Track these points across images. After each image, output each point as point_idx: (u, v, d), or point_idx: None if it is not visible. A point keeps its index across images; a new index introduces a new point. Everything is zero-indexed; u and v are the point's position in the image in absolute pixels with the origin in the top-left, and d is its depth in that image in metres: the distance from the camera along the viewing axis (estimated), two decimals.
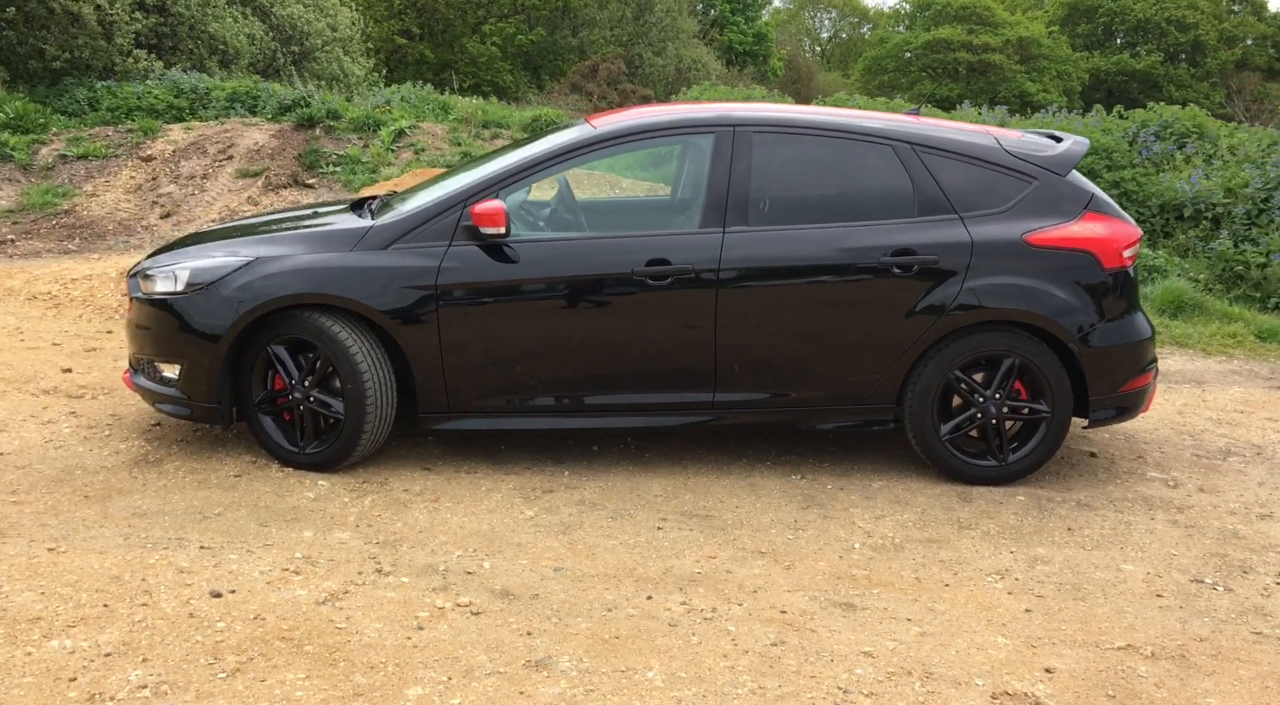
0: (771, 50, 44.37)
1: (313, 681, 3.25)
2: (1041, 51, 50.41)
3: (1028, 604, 3.90)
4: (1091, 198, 5.07)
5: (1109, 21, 53.64)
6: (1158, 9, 52.17)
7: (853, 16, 64.10)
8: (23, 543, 4.14)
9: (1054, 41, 51.25)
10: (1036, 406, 4.98)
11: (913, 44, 50.71)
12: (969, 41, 49.49)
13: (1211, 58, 52.93)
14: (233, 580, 3.87)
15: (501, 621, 3.68)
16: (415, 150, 12.40)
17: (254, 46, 20.04)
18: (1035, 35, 50.67)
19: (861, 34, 63.57)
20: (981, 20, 50.07)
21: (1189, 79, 52.04)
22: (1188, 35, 52.23)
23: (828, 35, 64.60)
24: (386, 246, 4.93)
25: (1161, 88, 50.91)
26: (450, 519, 4.57)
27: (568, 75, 32.77)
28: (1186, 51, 52.86)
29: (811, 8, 63.29)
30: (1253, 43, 54.95)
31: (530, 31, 34.81)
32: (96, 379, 6.33)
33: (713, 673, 3.38)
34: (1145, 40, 52.82)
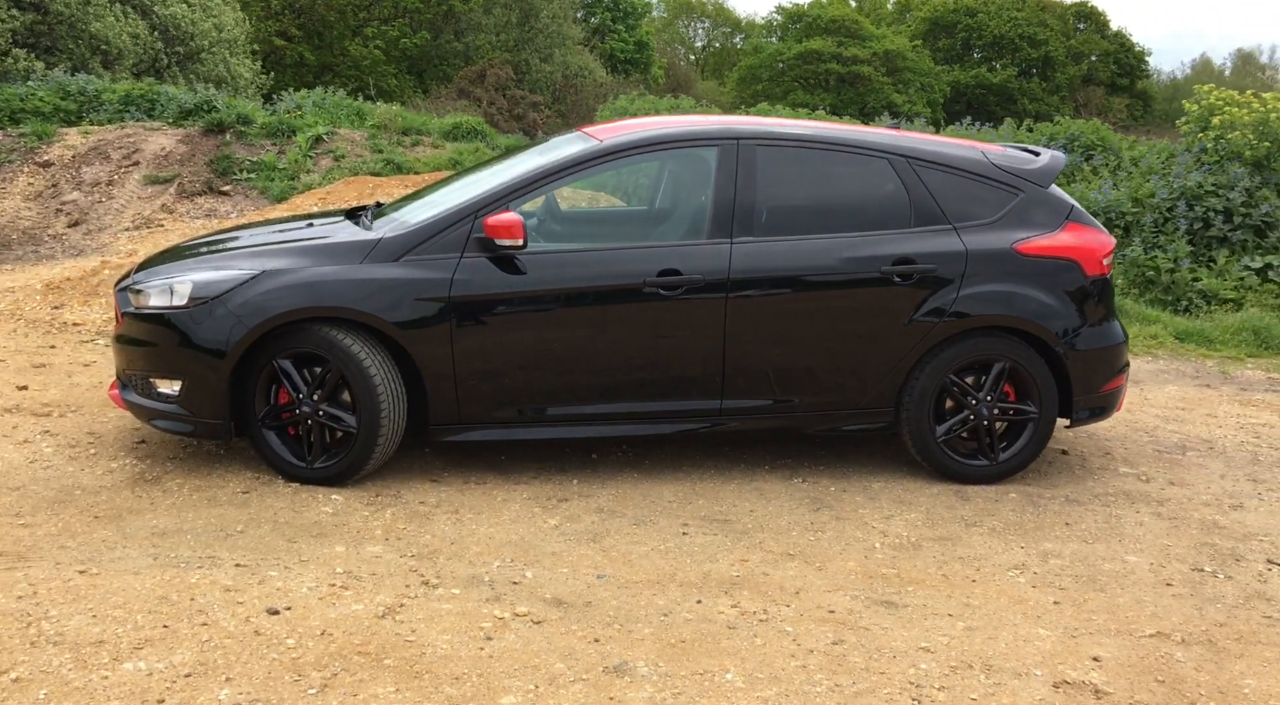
0: (653, 58, 44.83)
1: (404, 695, 3.27)
2: (906, 64, 52.14)
3: (1054, 596, 4.12)
4: (1071, 209, 5.37)
5: (967, 37, 55.81)
6: (1011, 26, 54.51)
7: (725, 26, 65.09)
8: (48, 566, 4.03)
9: (918, 55, 53.08)
10: (1025, 407, 5.24)
11: (786, 55, 51.83)
12: (839, 53, 50.83)
13: (1061, 72, 55.54)
14: (283, 597, 3.84)
15: (565, 629, 3.74)
16: (335, 157, 12.22)
17: (138, 46, 19.39)
18: (900, 49, 52.37)
19: (734, 43, 64.63)
20: (850, 33, 51.51)
21: (1041, 92, 54.49)
22: (1039, 51, 54.70)
23: (701, 44, 65.45)
24: (397, 259, 4.93)
25: (1016, 101, 53.21)
26: (477, 530, 4.59)
27: (454, 80, 32.50)
28: (1038, 66, 55.34)
29: (685, 17, 64.06)
30: (1096, 59, 57.82)
31: (414, 35, 34.42)
32: (58, 396, 6.12)
33: (787, 673, 3.50)
34: (1000, 55, 55.12)
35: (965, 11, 55.76)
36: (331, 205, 9.76)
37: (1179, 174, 10.53)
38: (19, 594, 3.75)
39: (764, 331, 5.06)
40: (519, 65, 34.00)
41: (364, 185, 10.01)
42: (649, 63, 44.78)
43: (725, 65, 60.65)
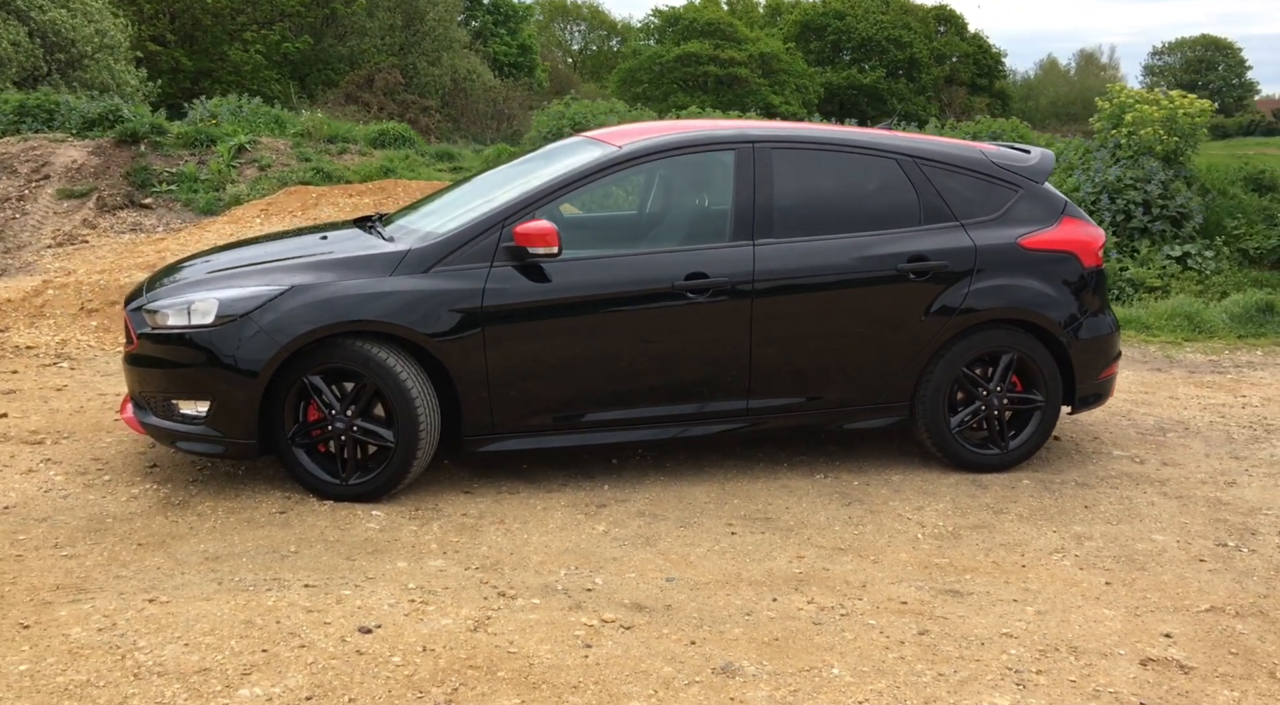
0: (536, 62, 44.76)
1: None
2: (782, 66, 53.21)
3: (1103, 578, 4.31)
4: (1065, 204, 5.62)
5: (837, 39, 57.27)
6: (878, 29, 56.14)
7: (601, 29, 65.36)
8: (112, 596, 3.92)
9: (791, 57, 54.20)
10: (1032, 396, 5.46)
11: (665, 57, 52.34)
12: (716, 55, 51.58)
13: (926, 73, 57.43)
14: (368, 615, 3.80)
15: (658, 633, 3.79)
16: (260, 166, 11.97)
17: (20, 54, 18.58)
18: (775, 51, 53.41)
19: (611, 46, 64.93)
20: (726, 36, 52.30)
21: (908, 93, 56.25)
22: (905, 53, 56.46)
23: (578, 47, 65.58)
24: (427, 270, 4.90)
25: (886, 101, 54.81)
26: (529, 539, 4.60)
27: (341, 85, 31.96)
28: (904, 67, 57.13)
29: (562, 19, 64.10)
30: (957, 60, 59.93)
31: (296, 39, 33.70)
32: (43, 423, 5.91)
33: (888, 665, 3.60)
34: (869, 57, 56.72)
35: (834, 14, 57.18)
36: (275, 216, 9.56)
37: (1099, 169, 11.05)
38: (97, 626, 3.65)
39: (788, 330, 5.18)
40: (406, 69, 33.63)
41: (306, 195, 9.82)
42: (533, 66, 44.74)
43: (603, 68, 60.92)
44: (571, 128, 12.17)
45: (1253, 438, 6.19)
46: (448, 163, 12.44)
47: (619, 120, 13.06)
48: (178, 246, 9.06)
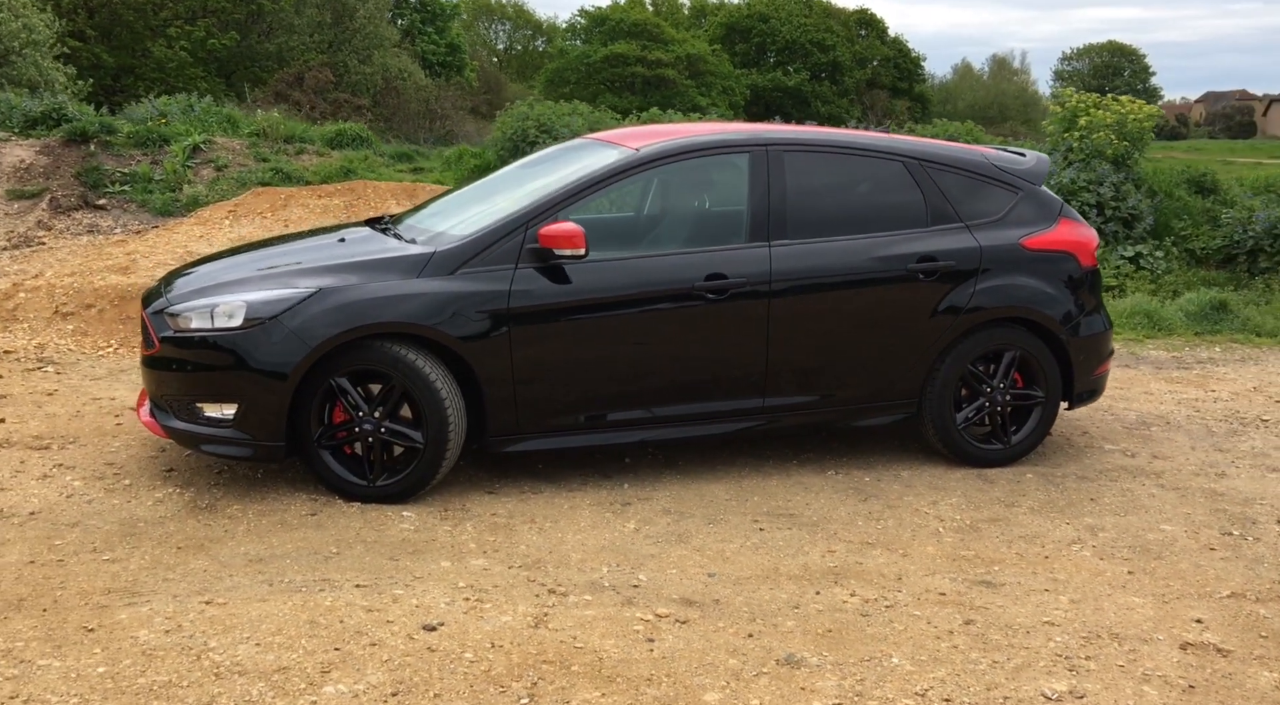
0: (465, 61, 44.49)
1: (611, 699, 3.34)
2: (708, 68, 53.57)
3: (1125, 567, 4.48)
4: (1062, 205, 5.84)
5: (762, 41, 57.84)
6: (801, 32, 56.84)
7: (526, 28, 65.16)
8: (167, 598, 3.91)
9: (718, 59, 54.62)
10: (1032, 392, 5.65)
11: (592, 57, 52.37)
12: (644, 57, 51.74)
13: (848, 76, 58.30)
14: (427, 614, 3.84)
15: (714, 627, 3.88)
16: (216, 167, 11.81)
17: None
18: (702, 53, 53.77)
19: (536, 46, 64.78)
20: (653, 37, 52.51)
21: (832, 95, 57.03)
22: (828, 56, 57.25)
23: (503, 46, 65.28)
24: (453, 272, 4.94)
25: (810, 103, 55.52)
26: (565, 538, 4.66)
27: (269, 83, 31.41)
28: (827, 70, 57.93)
29: (486, 18, 63.75)
30: (878, 63, 60.95)
31: (222, 35, 33.07)
32: (43, 428, 5.82)
33: (943, 653, 3.72)
34: (793, 60, 57.43)
35: (759, 17, 57.73)
36: (243, 217, 9.46)
37: (1053, 172, 11.41)
38: (163, 628, 3.65)
39: (803, 330, 5.30)
40: (336, 67, 33.18)
41: (274, 196, 9.72)
42: (462, 65, 44.45)
43: (529, 67, 60.74)
44: (537, 129, 12.20)
45: (1230, 431, 6.47)
46: (407, 164, 12.38)
47: (583, 122, 13.11)
48: (146, 248, 8.91)
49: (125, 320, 7.76)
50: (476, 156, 12.53)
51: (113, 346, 7.49)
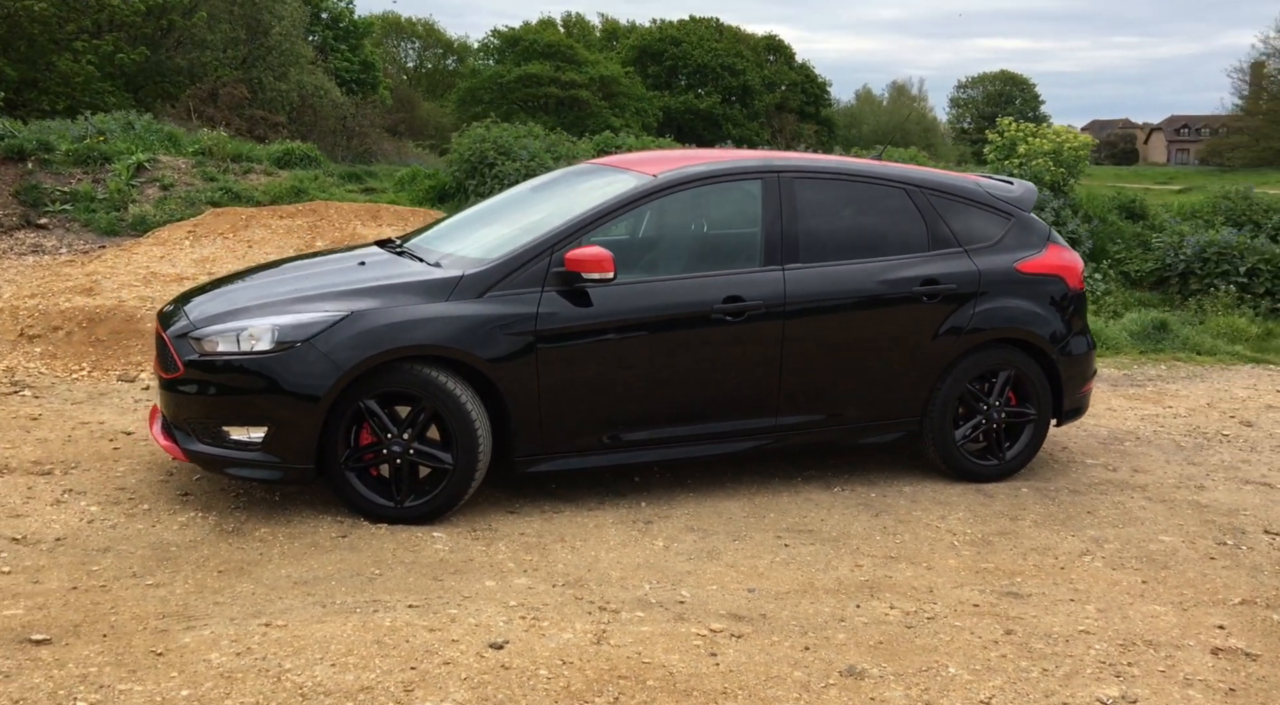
0: (379, 79, 44.12)
1: None
2: (621, 89, 53.98)
3: (1138, 576, 4.67)
4: (1050, 231, 6.10)
5: (674, 64, 58.48)
6: (712, 56, 57.63)
7: (436, 47, 64.77)
8: (224, 621, 3.89)
9: (631, 81, 55.07)
10: (1025, 410, 5.88)
11: (505, 77, 52.35)
12: (558, 77, 51.92)
13: (758, 100, 59.24)
14: (489, 632, 3.87)
15: (769, 641, 3.98)
16: (162, 186, 11.61)
17: None
18: (615, 75, 54.15)
19: (447, 64, 64.43)
20: (567, 58, 52.75)
21: (743, 118, 57.88)
22: (738, 80, 58.12)
23: (413, 64, 64.76)
24: (480, 295, 4.99)
25: (722, 126, 56.27)
26: (599, 556, 4.74)
27: (182, 99, 30.77)
28: (738, 94, 58.79)
29: (395, 36, 63.21)
30: (787, 88, 62.06)
31: (132, 50, 32.29)
32: (39, 454, 5.71)
33: (994, 663, 3.84)
34: (705, 83, 58.18)
35: (670, 41, 58.38)
36: (204, 238, 9.32)
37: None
38: (234, 651, 3.64)
39: (815, 351, 5.45)
40: (252, 83, 32.65)
41: (235, 217, 9.60)
42: (376, 83, 44.05)
43: (440, 86, 60.37)
44: (496, 151, 12.20)
45: (1197, 446, 6.80)
46: (358, 184, 12.30)
47: (540, 144, 13.17)
48: (106, 269, 8.73)
49: (95, 343, 7.61)
50: (430, 178, 12.52)
51: (85, 369, 7.34)
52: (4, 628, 3.78)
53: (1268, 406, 7.88)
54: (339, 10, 45.68)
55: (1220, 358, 9.49)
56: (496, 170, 11.67)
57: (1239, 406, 7.87)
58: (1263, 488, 6.00)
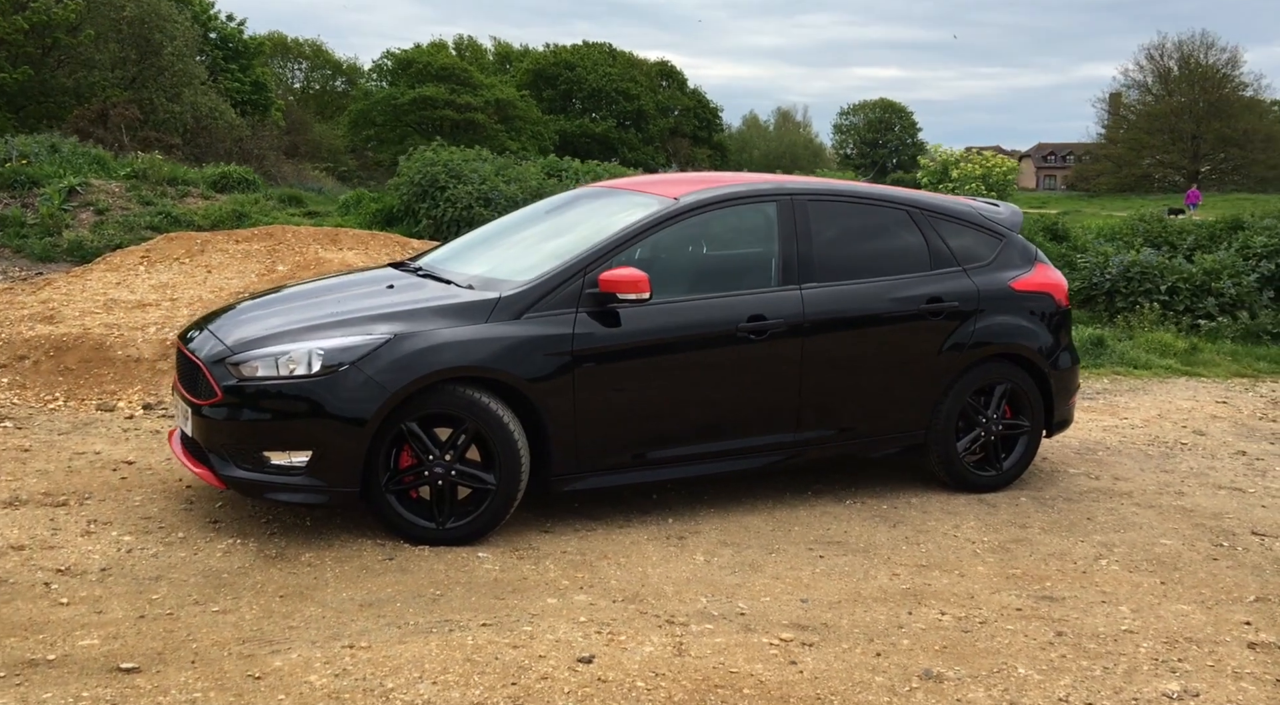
0: (271, 100, 43.38)
1: None
2: (517, 113, 54.00)
3: (1155, 577, 4.92)
4: (1036, 251, 6.40)
5: (568, 88, 58.75)
6: (606, 80, 58.10)
7: (325, 68, 63.91)
8: (306, 645, 3.90)
9: (526, 104, 55.13)
10: (1020, 422, 6.15)
11: (399, 100, 51.93)
12: (453, 100, 51.70)
13: (653, 125, 59.86)
14: (570, 648, 3.94)
15: (840, 648, 4.10)
16: (97, 210, 11.31)
17: None
18: (510, 98, 54.15)
19: (336, 86, 63.60)
20: (461, 81, 52.57)
21: (638, 142, 58.42)
22: (633, 104, 58.67)
23: (300, 85, 63.74)
24: (519, 316, 5.05)
25: (617, 150, 56.73)
26: (647, 572, 4.82)
27: (69, 120, 29.82)
28: (633, 118, 59.34)
29: (282, 57, 62.17)
30: (680, 113, 62.87)
31: (14, 70, 31.17)
32: (44, 486, 5.58)
33: (1058, 662, 4.02)
34: (599, 107, 58.57)
35: (565, 65, 58.65)
36: (159, 263, 9.13)
37: None
38: (332, 672, 3.65)
39: (832, 367, 5.62)
40: (143, 104, 31.83)
41: (190, 242, 9.41)
42: (268, 104, 43.33)
43: (329, 107, 59.52)
44: (447, 175, 12.14)
45: (1163, 454, 7.18)
46: (298, 207, 12.13)
47: (491, 167, 13.15)
48: (62, 297, 8.47)
49: (64, 372, 7.40)
50: (376, 201, 12.41)
51: (58, 399, 7.13)
52: (87, 658, 3.72)
53: (1212, 416, 8.35)
54: (228, 30, 44.86)
55: (1155, 371, 10.01)
56: (448, 193, 11.63)
57: (1187, 417, 8.33)
58: (1235, 492, 6.37)
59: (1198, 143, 70.59)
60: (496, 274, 5.40)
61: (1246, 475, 6.76)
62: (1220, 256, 11.89)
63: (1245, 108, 70.92)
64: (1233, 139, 68.93)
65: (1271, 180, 67.59)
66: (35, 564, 4.53)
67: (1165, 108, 71.84)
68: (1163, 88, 73.36)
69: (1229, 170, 69.26)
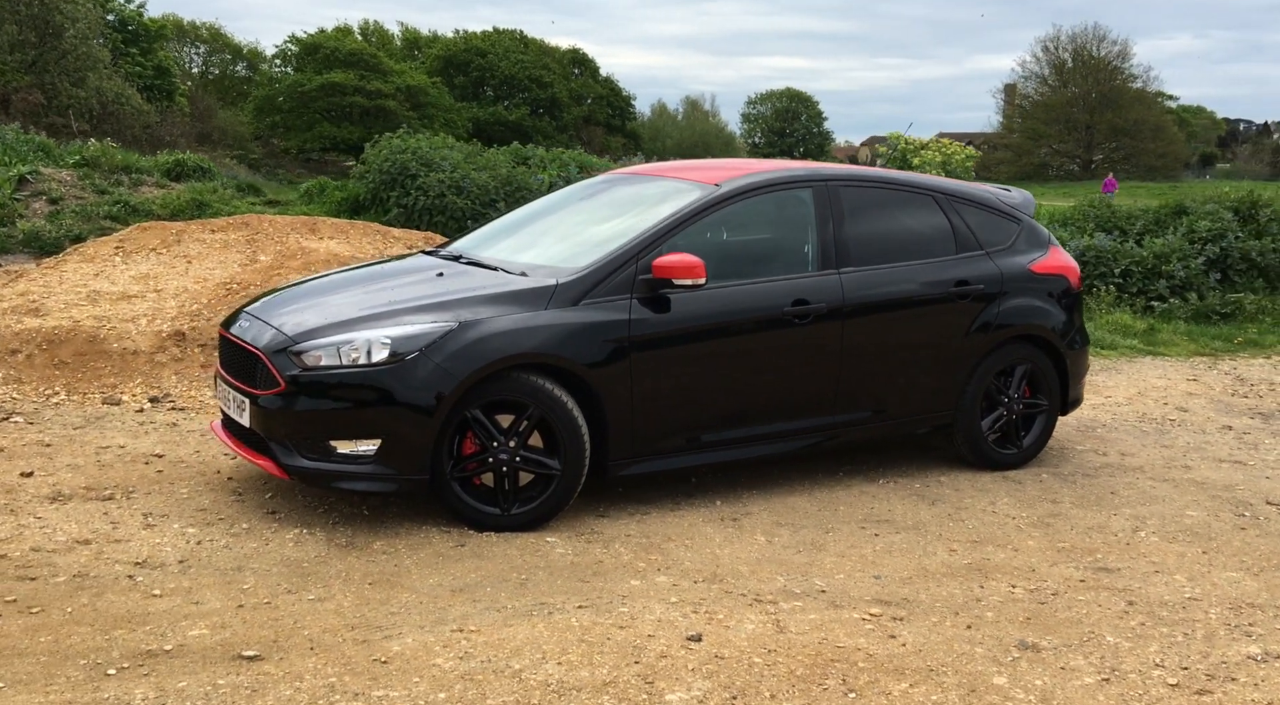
0: (176, 85, 42.15)
1: (918, 688, 3.61)
2: (429, 100, 53.29)
3: (1195, 547, 5.12)
4: (1049, 235, 6.61)
5: (480, 76, 58.18)
6: (519, 68, 57.68)
7: (224, 53, 62.19)
8: (415, 630, 3.91)
9: (438, 91, 54.45)
10: (1039, 401, 6.34)
11: (306, 86, 50.81)
12: (363, 87, 50.79)
13: (566, 113, 59.65)
14: (674, 627, 3.97)
15: (930, 622, 4.19)
16: (50, 199, 10.96)
17: None
18: (422, 84, 53.42)
19: (236, 71, 61.95)
20: (370, 67, 51.67)
21: (552, 131, 58.14)
22: (546, 92, 58.35)
23: (198, 70, 61.89)
24: (577, 303, 5.07)
25: (532, 137, 56.36)
26: (717, 552, 4.88)
27: None
28: (546, 106, 59.02)
29: (179, 40, 60.29)
30: (593, 101, 62.75)
31: None
32: (80, 479, 5.46)
33: (1140, 630, 4.17)
34: (512, 94, 58.13)
35: (476, 52, 58.07)
36: (134, 254, 8.88)
37: None
38: (455, 655, 3.67)
39: (869, 350, 5.74)
40: (45, 89, 30.72)
41: (165, 232, 9.16)
42: (173, 90, 42.10)
43: (229, 93, 57.89)
44: (418, 162, 11.95)
45: (1157, 430, 7.44)
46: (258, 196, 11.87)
47: (460, 155, 13.00)
48: (41, 290, 8.18)
49: (60, 366, 7.18)
50: (341, 189, 12.19)
51: (59, 393, 6.93)
52: (203, 647, 3.68)
53: (1188, 394, 8.70)
54: (127, 12, 43.46)
55: (1121, 351, 10.36)
56: (420, 181, 11.49)
57: (1164, 394, 8.65)
58: (1237, 465, 6.65)
59: (1091, 132, 72.79)
60: (547, 261, 5.40)
61: (1241, 449, 7.06)
62: (1169, 241, 12.37)
63: (1135, 98, 73.25)
64: (1124, 129, 71.14)
65: (1159, 169, 70.01)
66: (109, 557, 4.43)
67: (1061, 98, 73.90)
68: (1058, 79, 75.42)
69: (1120, 159, 71.45)
